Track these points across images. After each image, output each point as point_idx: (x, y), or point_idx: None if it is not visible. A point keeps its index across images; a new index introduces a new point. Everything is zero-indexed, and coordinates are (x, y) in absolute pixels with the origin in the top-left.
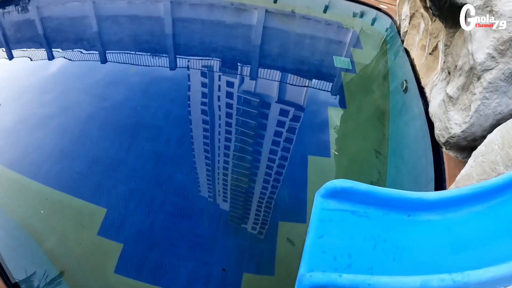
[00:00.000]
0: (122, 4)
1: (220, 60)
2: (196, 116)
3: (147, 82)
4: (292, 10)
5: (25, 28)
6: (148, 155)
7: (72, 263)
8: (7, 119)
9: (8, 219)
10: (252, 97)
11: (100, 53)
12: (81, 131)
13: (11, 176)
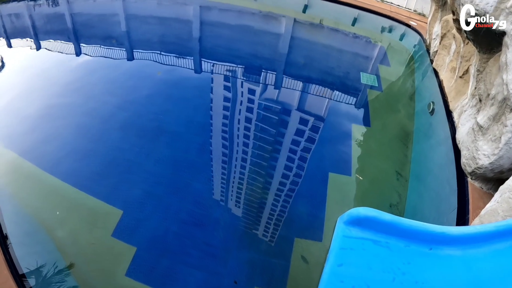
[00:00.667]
0: (151, 5)
1: (244, 67)
2: (216, 124)
3: (172, 86)
4: (320, 21)
5: (54, 21)
6: (167, 160)
7: (82, 262)
8: (31, 110)
9: (22, 213)
10: (274, 105)
11: (128, 51)
12: (102, 131)
13: (30, 169)
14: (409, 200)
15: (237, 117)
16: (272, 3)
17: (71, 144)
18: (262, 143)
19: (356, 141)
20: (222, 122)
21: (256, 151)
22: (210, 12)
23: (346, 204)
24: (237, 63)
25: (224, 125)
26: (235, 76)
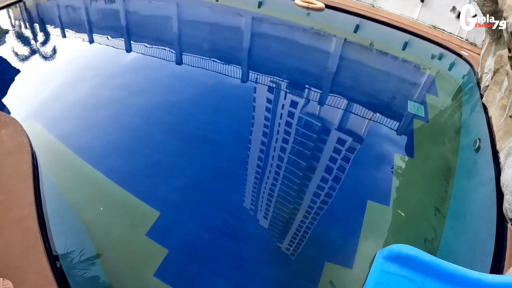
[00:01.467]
0: (205, 11)
1: (291, 81)
2: (259, 138)
3: (220, 96)
4: (370, 43)
5: (108, 17)
6: (208, 168)
7: (113, 257)
8: (78, 100)
9: (64, 202)
10: (316, 122)
11: (177, 54)
12: (149, 132)
13: (75, 161)
14: (444, 237)
15: (281, 133)
16: (324, 21)
17: (117, 140)
18: (300, 160)
19: (397, 170)
20: (267, 136)
21: (294, 169)
22: (261, 24)
23: (381, 234)
24: (284, 77)
25: (270, 141)
26: (280, 89)
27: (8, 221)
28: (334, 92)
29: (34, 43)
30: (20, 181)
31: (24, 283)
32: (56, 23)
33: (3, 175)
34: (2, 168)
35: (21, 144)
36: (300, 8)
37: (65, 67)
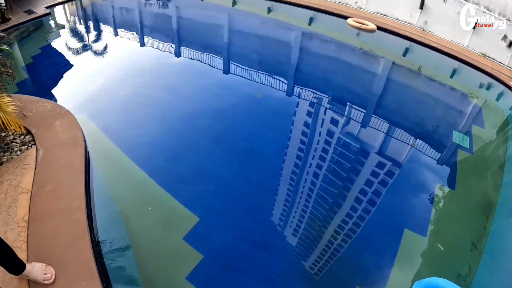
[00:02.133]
0: (256, 23)
1: (336, 99)
2: (305, 154)
3: (267, 108)
4: (418, 68)
5: (161, 21)
6: (252, 181)
7: (149, 256)
8: (131, 103)
9: (109, 198)
10: (358, 144)
11: (225, 63)
12: (196, 138)
13: (122, 159)
14: (479, 275)
15: (329, 153)
16: (374, 42)
17: (164, 143)
18: (338, 180)
19: (437, 201)
20: (312, 153)
21: (333, 190)
22: (311, 40)
23: (414, 264)
24: (329, 94)
25: (316, 159)
26: (325, 107)
27: (57, 210)
28: (378, 114)
29: (87, 40)
30: (72, 173)
31: (66, 272)
32: (109, 23)
33: (56, 165)
34: (55, 158)
35: (75, 137)
36: (351, 28)
37: (116, 66)
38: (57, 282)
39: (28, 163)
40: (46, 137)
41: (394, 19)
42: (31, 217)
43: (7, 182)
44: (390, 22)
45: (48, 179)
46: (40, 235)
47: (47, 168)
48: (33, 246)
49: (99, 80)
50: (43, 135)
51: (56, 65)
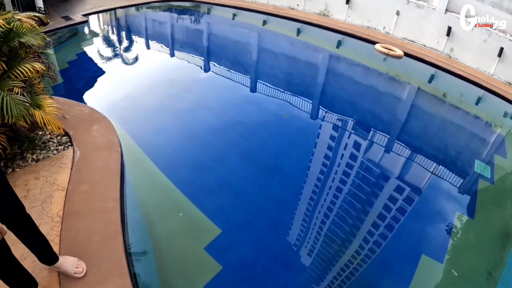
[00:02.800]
0: (284, 43)
1: (359, 123)
2: (328, 176)
3: (293, 128)
4: (443, 95)
5: (192, 35)
6: (275, 198)
7: (169, 261)
8: (161, 113)
9: (137, 203)
10: (376, 168)
11: (252, 81)
12: (223, 152)
13: (150, 167)
14: None
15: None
16: (400, 68)
17: (192, 155)
18: (357, 202)
19: (455, 229)
20: (334, 175)
21: (353, 212)
22: (338, 63)
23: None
24: (354, 117)
25: (339, 181)
26: (349, 130)
27: (92, 209)
28: (400, 140)
29: (120, 49)
30: (108, 176)
31: (97, 268)
32: (142, 34)
33: (92, 166)
34: (92, 161)
35: (112, 142)
36: (379, 53)
37: (147, 76)
38: (88, 277)
39: (65, 162)
40: (84, 140)
41: (421, 45)
42: (66, 214)
43: (43, 178)
44: (416, 49)
45: (84, 179)
46: (73, 231)
47: (84, 169)
48: (66, 241)
49: (130, 88)
50: (81, 138)
51: (90, 71)
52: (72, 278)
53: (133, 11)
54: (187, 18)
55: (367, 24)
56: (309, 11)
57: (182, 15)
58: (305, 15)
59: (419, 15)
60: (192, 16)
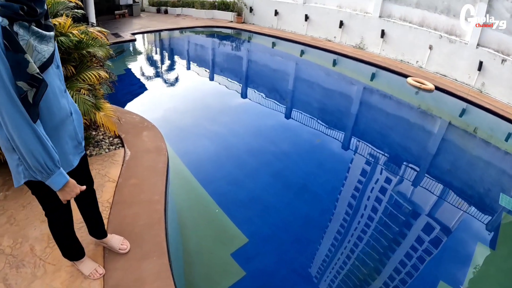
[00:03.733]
0: (320, 74)
1: (389, 154)
2: (353, 203)
3: (324, 154)
4: (474, 130)
5: (231, 60)
6: (301, 215)
7: (196, 263)
8: (200, 130)
9: (173, 204)
10: (405, 203)
11: (288, 108)
12: (257, 170)
13: (189, 177)
14: None
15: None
16: (431, 102)
17: (227, 169)
18: (379, 227)
19: (476, 259)
20: (356, 203)
21: (375, 237)
22: (370, 95)
23: None
24: (383, 149)
25: (362, 211)
26: (377, 160)
27: (139, 199)
28: (430, 174)
29: (162, 67)
30: (155, 175)
31: (140, 248)
32: (183, 55)
33: (141, 165)
34: (141, 161)
35: (160, 148)
36: (410, 86)
37: (186, 95)
38: (130, 254)
39: (116, 160)
40: (134, 142)
41: (453, 79)
42: (115, 201)
43: (96, 170)
44: (448, 83)
45: (134, 175)
46: (121, 216)
47: (133, 166)
48: (114, 223)
49: (170, 105)
50: (131, 140)
51: (135, 85)
52: (116, 253)
53: (177, 34)
54: (228, 44)
55: (400, 58)
56: (345, 44)
57: (223, 41)
58: (341, 47)
59: (451, 50)
60: (233, 42)
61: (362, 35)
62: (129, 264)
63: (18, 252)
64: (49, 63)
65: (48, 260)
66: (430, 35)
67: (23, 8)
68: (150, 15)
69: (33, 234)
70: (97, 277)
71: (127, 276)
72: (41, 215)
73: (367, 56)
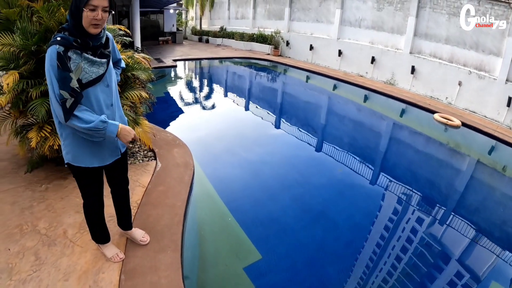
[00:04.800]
0: (352, 109)
1: (417, 193)
2: (373, 237)
3: (345, 185)
4: (503, 168)
5: (267, 91)
6: (317, 239)
7: (210, 273)
8: (230, 153)
9: (195, 214)
10: (435, 244)
11: (319, 141)
12: (279, 194)
13: (212, 193)
14: None
15: (394, 242)
16: (459, 138)
17: (250, 190)
18: (397, 261)
19: None
20: (380, 241)
21: (387, 276)
22: (401, 131)
23: None
24: (411, 186)
25: (379, 244)
26: (408, 201)
27: (164, 203)
28: (459, 214)
29: (200, 93)
30: (181, 185)
31: (158, 242)
32: (221, 83)
33: (170, 176)
34: (170, 172)
35: (188, 163)
36: (437, 123)
37: (220, 121)
38: (149, 245)
39: (148, 169)
40: (166, 157)
41: (482, 116)
42: (142, 203)
43: (129, 176)
44: (476, 119)
45: (162, 183)
46: (146, 215)
47: (162, 176)
48: (139, 220)
49: (202, 128)
50: (163, 155)
51: (173, 108)
52: (137, 244)
53: (216, 63)
54: (265, 76)
55: (430, 94)
56: (377, 79)
57: (260, 72)
58: (372, 83)
59: (480, 86)
60: (269, 74)
61: (393, 70)
62: (147, 254)
63: (51, 233)
64: (96, 82)
65: (78, 242)
66: (459, 71)
67: (77, 41)
68: (192, 43)
69: (67, 221)
70: (117, 260)
71: (143, 263)
72: (77, 206)
73: (397, 91)
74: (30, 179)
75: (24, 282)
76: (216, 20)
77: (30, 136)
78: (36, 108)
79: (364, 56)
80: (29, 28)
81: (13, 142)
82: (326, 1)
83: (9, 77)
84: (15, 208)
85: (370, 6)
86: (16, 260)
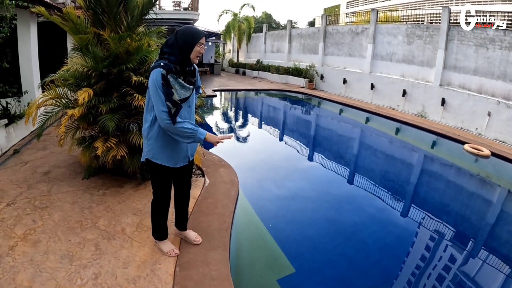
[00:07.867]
0: (383, 142)
1: (448, 224)
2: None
3: (377, 209)
4: None
5: (301, 124)
6: (347, 258)
7: (244, 280)
8: (263, 175)
9: (237, 227)
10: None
11: (351, 173)
12: (314, 215)
13: (250, 211)
14: None
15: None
16: (489, 169)
17: (287, 212)
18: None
19: None
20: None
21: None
22: (432, 163)
23: None
24: (442, 219)
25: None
26: (442, 236)
27: (213, 212)
28: (490, 246)
29: (236, 123)
30: (227, 198)
31: (209, 243)
32: (256, 114)
33: (217, 191)
34: (218, 188)
35: (233, 181)
36: (467, 153)
37: (255, 150)
38: (201, 245)
39: (198, 184)
40: (213, 174)
41: (511, 145)
42: (194, 211)
43: None
44: (506, 149)
45: (211, 196)
46: (197, 221)
47: (211, 190)
48: (192, 224)
49: (240, 154)
50: (211, 172)
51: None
52: (190, 243)
53: (252, 94)
54: (299, 108)
55: (460, 125)
56: (408, 112)
57: (294, 105)
58: (403, 115)
59: (509, 116)
60: (304, 107)
61: (423, 103)
62: (199, 251)
63: (111, 230)
64: (184, 101)
65: (136, 239)
66: (488, 102)
67: (176, 67)
68: (229, 75)
69: (125, 221)
70: (172, 255)
71: (196, 258)
72: (134, 209)
73: (428, 124)
74: (88, 185)
75: (85, 267)
76: (253, 53)
77: (97, 145)
78: (106, 122)
79: (396, 89)
80: (99, 53)
81: (72, 152)
82: (358, 36)
83: (84, 93)
84: (75, 207)
85: (400, 41)
86: (77, 249)
